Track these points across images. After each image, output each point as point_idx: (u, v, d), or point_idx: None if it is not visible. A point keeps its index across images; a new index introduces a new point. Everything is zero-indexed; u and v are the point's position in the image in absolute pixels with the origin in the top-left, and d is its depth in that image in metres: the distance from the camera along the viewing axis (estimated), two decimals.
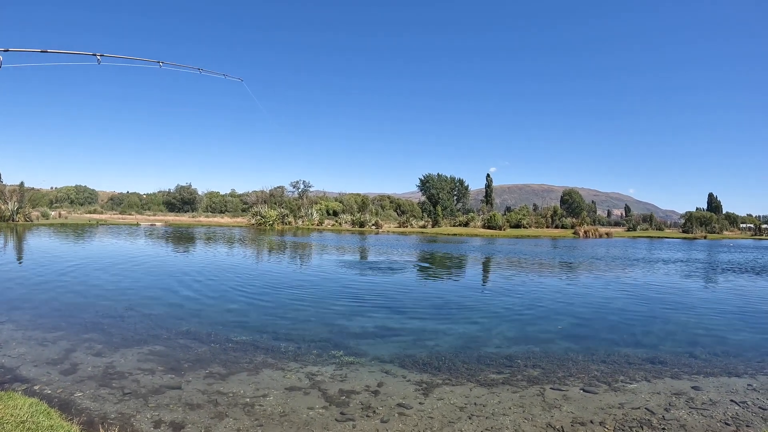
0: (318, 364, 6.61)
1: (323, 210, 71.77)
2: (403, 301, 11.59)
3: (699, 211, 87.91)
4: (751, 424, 4.96)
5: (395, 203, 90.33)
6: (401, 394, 5.61)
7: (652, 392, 5.86)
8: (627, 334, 8.85)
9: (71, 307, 9.73)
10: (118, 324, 8.49)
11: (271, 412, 5.00)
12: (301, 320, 9.23)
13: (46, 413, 4.27)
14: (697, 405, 5.48)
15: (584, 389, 5.91)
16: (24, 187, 57.52)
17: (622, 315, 10.69)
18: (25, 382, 5.55)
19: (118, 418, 4.71)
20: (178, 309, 9.94)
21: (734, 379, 6.42)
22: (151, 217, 67.59)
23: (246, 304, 10.68)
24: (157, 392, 5.42)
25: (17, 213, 43.69)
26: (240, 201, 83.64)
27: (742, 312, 11.44)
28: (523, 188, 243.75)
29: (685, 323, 9.99)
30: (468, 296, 12.75)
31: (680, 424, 4.92)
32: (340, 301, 11.28)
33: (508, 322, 9.57)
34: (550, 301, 12.10)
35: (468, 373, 6.41)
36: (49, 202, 75.18)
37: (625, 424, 4.90)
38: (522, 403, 5.42)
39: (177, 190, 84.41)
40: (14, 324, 8.22)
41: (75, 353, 6.73)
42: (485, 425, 4.84)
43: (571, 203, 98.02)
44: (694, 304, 12.46)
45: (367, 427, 4.75)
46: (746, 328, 9.66)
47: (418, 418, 4.97)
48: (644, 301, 12.56)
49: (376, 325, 8.99)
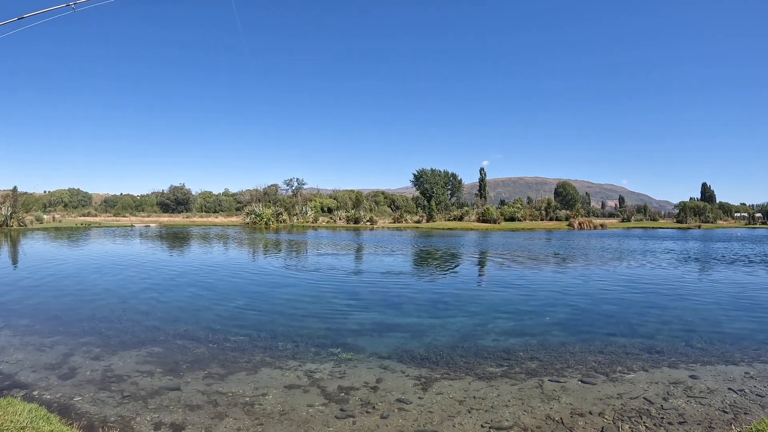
0: (316, 362, 6.61)
1: (318, 207, 71.69)
2: (399, 296, 11.60)
3: (693, 201, 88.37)
4: (749, 411, 5.00)
5: (389, 199, 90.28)
6: (400, 390, 5.63)
7: (650, 382, 5.91)
8: (624, 325, 8.91)
9: (68, 311, 9.69)
10: (115, 327, 8.46)
11: (271, 410, 5.00)
12: (298, 318, 9.23)
13: (46, 418, 4.25)
14: (695, 394, 5.52)
15: (582, 380, 5.95)
16: (17, 191, 57.20)
17: (619, 305, 10.75)
18: (24, 387, 5.52)
19: (118, 421, 4.70)
20: (175, 310, 9.91)
21: (731, 368, 6.47)
22: (146, 218, 67.29)
23: (243, 303, 10.66)
24: (157, 394, 5.40)
25: (11, 218, 43.35)
26: (234, 200, 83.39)
27: (738, 301, 11.53)
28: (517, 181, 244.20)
29: (682, 312, 10.05)
30: (464, 290, 12.78)
31: (679, 413, 4.96)
32: (336, 298, 11.29)
33: (505, 315, 9.60)
34: (546, 293, 12.16)
35: (466, 367, 6.44)
36: (43, 206, 74.71)
37: (624, 414, 4.93)
38: (521, 396, 5.45)
39: (170, 191, 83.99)
40: (11, 329, 8.17)
41: (73, 357, 6.70)
42: (485, 418, 4.86)
43: (565, 195, 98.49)
44: (690, 293, 12.54)
45: (367, 423, 4.76)
46: (742, 317, 9.72)
47: (418, 413, 4.98)
48: (640, 292, 12.63)
49: (373, 321, 9.00)
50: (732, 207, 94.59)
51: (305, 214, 63.69)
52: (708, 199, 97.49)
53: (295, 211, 64.56)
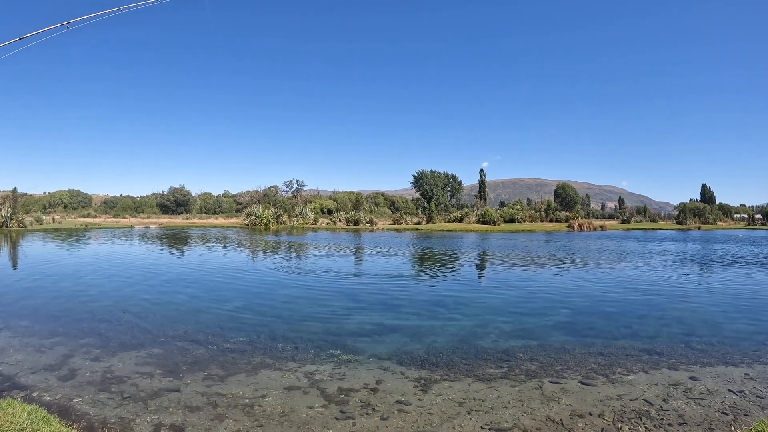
0: (316, 363, 6.61)
1: (317, 209, 71.69)
2: (399, 298, 11.60)
3: (693, 203, 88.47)
4: (749, 412, 5.00)
5: (389, 200, 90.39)
6: (400, 391, 5.62)
7: (650, 383, 5.90)
8: (623, 326, 8.90)
9: (67, 313, 9.68)
10: (114, 328, 8.46)
11: (271, 412, 5.00)
12: (298, 320, 9.22)
13: (46, 420, 4.25)
14: (695, 395, 5.52)
15: (582, 382, 5.94)
16: (17, 192, 57.17)
17: (618, 307, 10.75)
18: (24, 389, 5.52)
19: (117, 422, 4.70)
20: (174, 311, 9.91)
21: (731, 369, 6.47)
22: (145, 219, 67.32)
23: (242, 305, 10.66)
24: (156, 395, 5.40)
25: (11, 219, 43.37)
26: (234, 201, 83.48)
27: (738, 302, 11.53)
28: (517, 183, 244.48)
29: (681, 314, 10.05)
30: (464, 292, 12.78)
31: (678, 414, 4.96)
32: (336, 300, 11.29)
33: (505, 317, 9.59)
34: (545, 295, 12.16)
35: (466, 369, 6.43)
36: (43, 207, 74.78)
37: (623, 416, 4.93)
38: (521, 397, 5.44)
39: (170, 192, 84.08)
40: (11, 331, 8.17)
41: (73, 359, 6.70)
42: (485, 420, 4.86)
43: (564, 197, 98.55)
44: (690, 295, 12.54)
45: (366, 424, 4.76)
46: (742, 318, 9.72)
47: (418, 415, 4.98)
48: (639, 293, 12.63)
49: (373, 323, 8.99)
50: (732, 208, 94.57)
51: (305, 216, 63.69)
52: (708, 200, 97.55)
53: (294, 212, 64.57)
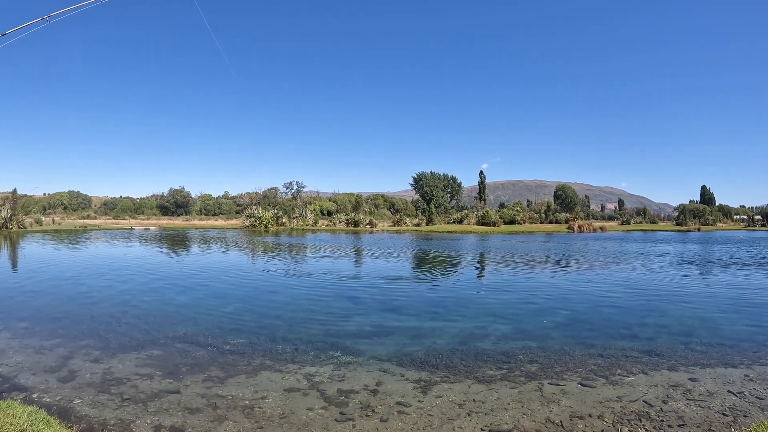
0: (316, 365, 6.61)
1: (317, 210, 71.69)
2: (399, 299, 11.60)
3: (692, 204, 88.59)
4: (749, 414, 5.00)
5: (389, 202, 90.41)
6: (400, 393, 5.62)
7: (650, 385, 5.90)
8: (623, 328, 8.90)
9: (67, 314, 9.68)
10: (114, 329, 8.45)
11: (271, 413, 5.00)
12: (297, 321, 9.22)
13: (46, 421, 4.25)
14: (695, 396, 5.52)
15: (582, 383, 5.94)
16: (17, 193, 57.19)
17: (618, 308, 10.75)
18: (24, 390, 5.52)
19: (117, 424, 4.70)
20: (174, 313, 9.90)
21: (731, 370, 6.47)
22: (145, 221, 67.32)
23: (242, 306, 10.66)
24: (156, 397, 5.40)
25: (10, 220, 43.38)
26: (233, 203, 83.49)
27: (737, 303, 11.52)
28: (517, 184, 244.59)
29: (681, 316, 10.05)
30: (463, 294, 12.78)
31: (678, 416, 4.96)
32: (336, 302, 11.29)
33: (505, 319, 9.59)
34: (545, 297, 12.15)
35: (466, 370, 6.43)
36: (43, 209, 74.71)
37: (623, 417, 4.93)
38: (521, 399, 5.45)
39: (170, 194, 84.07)
40: (11, 332, 8.17)
41: (72, 360, 6.70)
42: (485, 421, 4.86)
43: (564, 198, 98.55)
44: (689, 296, 12.54)
45: (366, 426, 4.76)
46: (741, 320, 9.72)
47: (418, 416, 4.98)
48: (639, 295, 12.63)
49: (372, 325, 8.99)
50: (731, 209, 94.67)
51: (305, 218, 63.69)
52: (707, 201, 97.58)
53: (294, 214, 64.55)
